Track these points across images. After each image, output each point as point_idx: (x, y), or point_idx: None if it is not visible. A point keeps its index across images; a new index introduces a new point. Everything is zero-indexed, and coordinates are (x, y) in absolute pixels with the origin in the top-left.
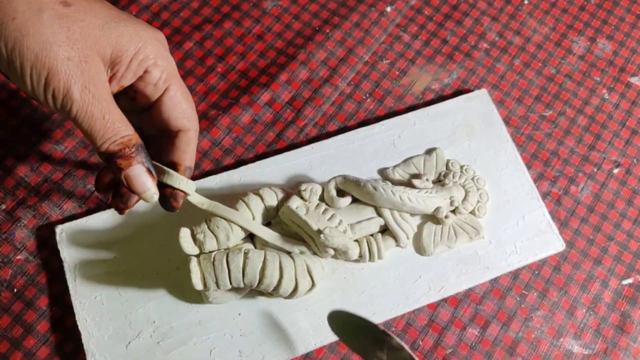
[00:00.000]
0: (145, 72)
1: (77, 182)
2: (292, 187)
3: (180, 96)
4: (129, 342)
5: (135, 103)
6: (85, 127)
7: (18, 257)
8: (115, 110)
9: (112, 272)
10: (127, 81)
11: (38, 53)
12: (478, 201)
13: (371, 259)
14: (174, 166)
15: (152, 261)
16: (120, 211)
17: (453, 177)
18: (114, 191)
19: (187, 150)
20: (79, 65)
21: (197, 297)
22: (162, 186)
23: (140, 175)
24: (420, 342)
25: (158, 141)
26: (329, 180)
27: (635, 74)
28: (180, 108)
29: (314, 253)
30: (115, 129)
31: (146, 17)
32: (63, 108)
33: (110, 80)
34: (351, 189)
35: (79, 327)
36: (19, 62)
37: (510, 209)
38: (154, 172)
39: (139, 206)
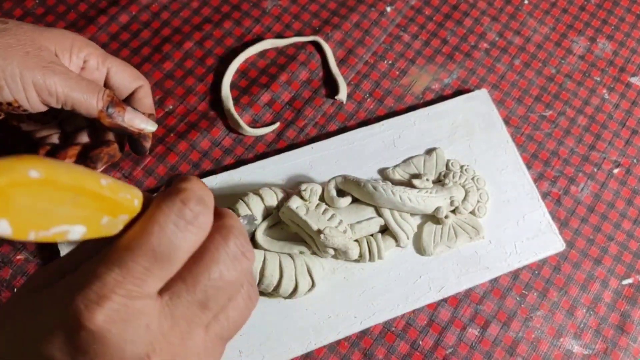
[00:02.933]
0: (85, 62)
1: None
2: (292, 187)
3: (121, 66)
4: None
5: None
6: (73, 102)
7: (18, 257)
8: (84, 79)
9: None
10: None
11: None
12: (478, 201)
13: (371, 259)
14: None
15: None
16: (144, 149)
17: (453, 177)
18: (130, 141)
19: (146, 101)
20: (38, 52)
21: None
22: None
23: (136, 114)
24: (420, 342)
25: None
26: (329, 180)
27: (635, 74)
28: (126, 73)
29: (314, 253)
30: (94, 89)
31: (146, 17)
32: (46, 101)
33: None
34: (351, 189)
35: None
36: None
37: (510, 209)
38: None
39: None
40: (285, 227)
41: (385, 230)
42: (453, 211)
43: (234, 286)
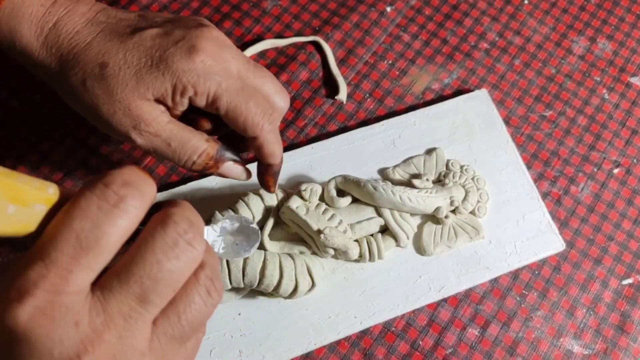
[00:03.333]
0: (191, 100)
1: (77, 182)
2: (292, 187)
3: (233, 108)
4: None
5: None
6: (164, 158)
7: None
8: (180, 134)
9: None
10: (182, 108)
11: (88, 116)
12: (478, 201)
13: (371, 259)
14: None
15: None
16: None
17: (453, 177)
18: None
19: (265, 152)
20: (125, 113)
21: None
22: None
23: (231, 169)
24: (420, 342)
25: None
26: (329, 180)
27: (635, 74)
28: (239, 120)
29: (314, 253)
30: (187, 150)
31: None
32: (141, 148)
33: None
34: (351, 189)
35: None
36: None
37: (510, 209)
38: (240, 160)
39: None
40: (285, 227)
41: (385, 230)
42: (453, 211)
43: (179, 277)
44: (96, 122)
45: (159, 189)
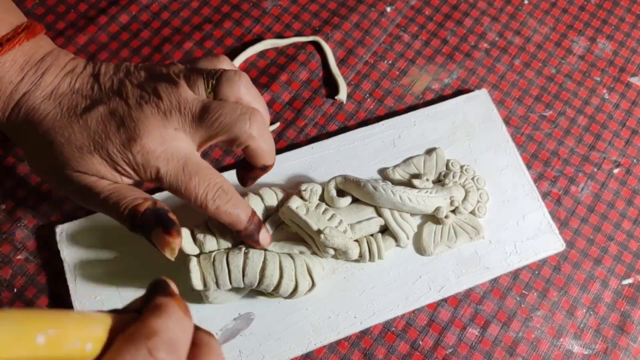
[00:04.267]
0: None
1: None
2: (292, 187)
3: (175, 190)
4: None
5: None
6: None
7: (18, 257)
8: (118, 191)
9: (112, 272)
10: (129, 181)
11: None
12: (478, 201)
13: (371, 259)
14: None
15: (152, 261)
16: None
17: (453, 177)
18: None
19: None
20: (68, 182)
21: (197, 297)
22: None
23: (156, 238)
24: (420, 342)
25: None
26: (329, 180)
27: (635, 74)
28: (184, 198)
29: (314, 253)
30: (120, 204)
31: (146, 17)
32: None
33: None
34: (351, 189)
35: None
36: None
37: (510, 209)
38: (172, 228)
39: None
40: (285, 227)
41: (385, 230)
42: (453, 211)
43: None
44: (47, 182)
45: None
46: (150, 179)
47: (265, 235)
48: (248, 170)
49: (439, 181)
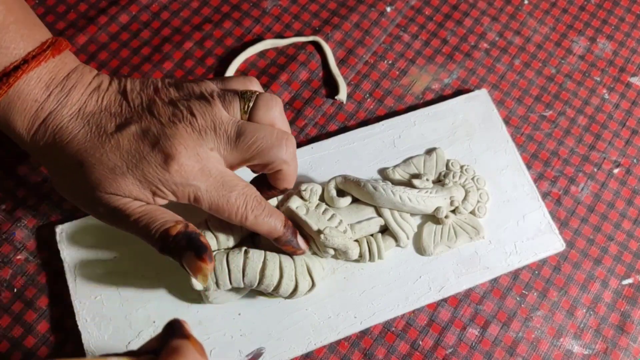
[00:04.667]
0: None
1: None
2: (292, 187)
3: (215, 208)
4: (129, 343)
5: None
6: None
7: (18, 257)
8: (149, 214)
9: (112, 272)
10: (163, 202)
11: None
12: (478, 201)
13: (371, 259)
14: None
15: (152, 261)
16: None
17: (453, 177)
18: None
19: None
20: (98, 204)
21: (197, 297)
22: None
23: (188, 262)
24: (420, 342)
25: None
26: (329, 180)
27: (635, 74)
28: (224, 215)
29: (314, 253)
30: (151, 227)
31: (146, 17)
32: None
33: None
34: (351, 189)
35: (79, 327)
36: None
37: (510, 209)
38: (204, 253)
39: None
40: None
41: (385, 230)
42: (453, 211)
43: None
44: (60, 192)
45: None
46: (188, 199)
47: (302, 239)
48: (267, 189)
49: (439, 181)
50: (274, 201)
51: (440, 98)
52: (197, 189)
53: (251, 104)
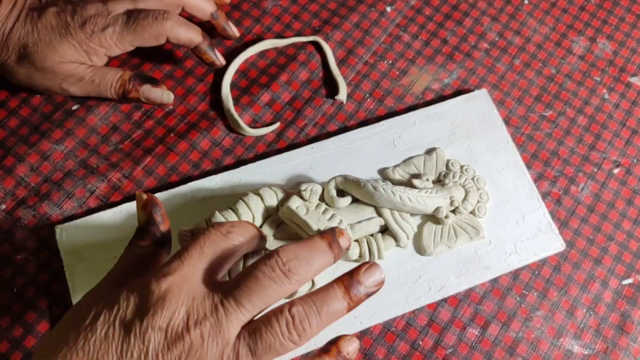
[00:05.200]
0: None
1: (77, 182)
2: (292, 187)
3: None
4: None
5: None
6: (95, 95)
7: (18, 257)
8: (99, 72)
9: None
10: (101, 63)
11: (26, 86)
12: (478, 201)
13: (371, 259)
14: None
15: None
16: (232, 36)
17: (453, 177)
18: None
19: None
20: (52, 76)
21: None
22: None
23: (150, 91)
24: (420, 342)
25: None
26: (329, 180)
27: (635, 74)
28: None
29: None
30: (108, 80)
31: None
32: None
33: None
34: (351, 189)
35: None
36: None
37: (510, 209)
38: (158, 83)
39: None
40: (285, 227)
41: (385, 230)
42: (453, 211)
43: (272, 293)
44: (34, 88)
45: (159, 189)
46: (122, 44)
47: (220, 53)
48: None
49: (439, 181)
50: (274, 201)
51: (440, 98)
52: (120, 24)
53: None
